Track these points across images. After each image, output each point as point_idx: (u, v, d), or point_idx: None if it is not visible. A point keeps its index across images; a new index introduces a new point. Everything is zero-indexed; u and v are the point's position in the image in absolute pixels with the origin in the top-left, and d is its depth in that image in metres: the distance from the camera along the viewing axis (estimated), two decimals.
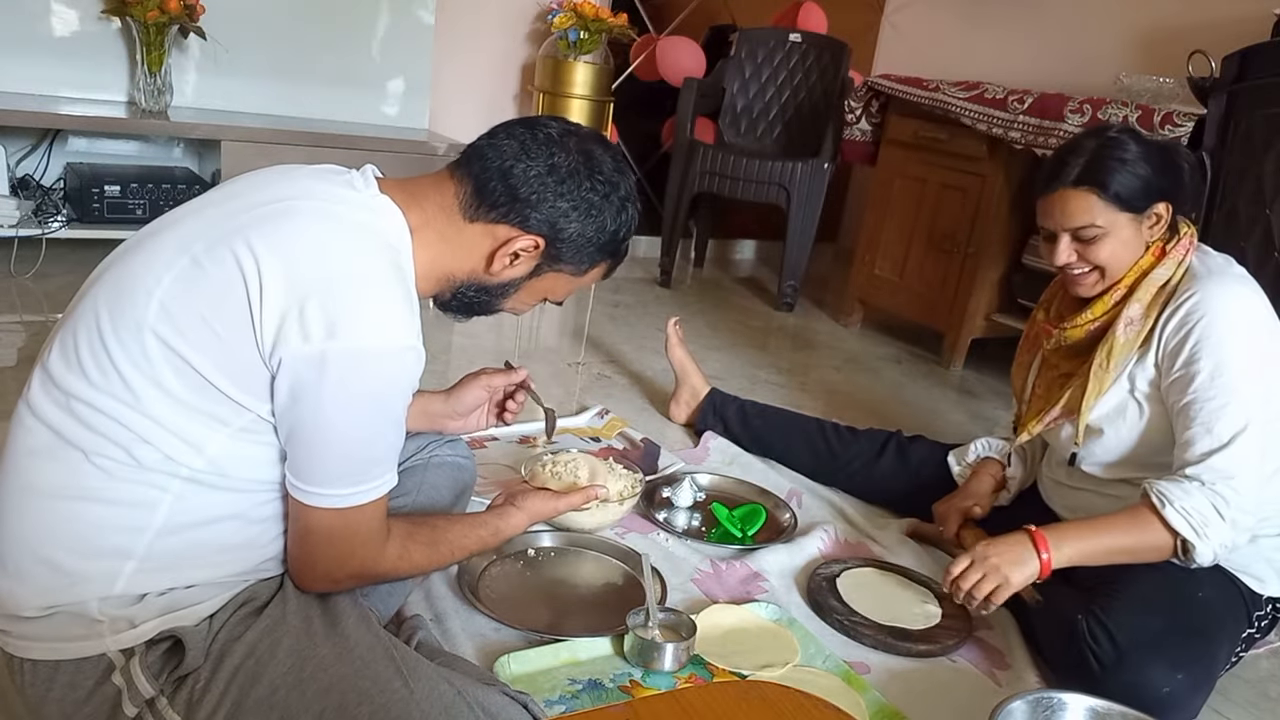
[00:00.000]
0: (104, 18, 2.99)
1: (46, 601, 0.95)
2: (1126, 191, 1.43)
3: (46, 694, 0.97)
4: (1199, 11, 3.02)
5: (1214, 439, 1.36)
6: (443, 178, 1.10)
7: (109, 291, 0.97)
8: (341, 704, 0.94)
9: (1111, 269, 1.49)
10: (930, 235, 3.15)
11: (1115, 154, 1.44)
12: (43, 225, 2.77)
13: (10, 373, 2.15)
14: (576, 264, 1.14)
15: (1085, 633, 1.36)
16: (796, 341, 3.38)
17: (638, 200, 1.15)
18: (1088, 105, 2.55)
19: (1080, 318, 1.54)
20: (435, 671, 1.02)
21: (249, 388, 0.94)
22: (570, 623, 1.45)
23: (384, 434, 1.01)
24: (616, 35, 3.70)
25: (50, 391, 0.95)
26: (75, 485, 0.94)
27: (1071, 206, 1.46)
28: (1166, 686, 1.29)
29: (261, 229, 0.94)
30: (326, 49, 3.39)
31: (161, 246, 0.97)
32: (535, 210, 1.07)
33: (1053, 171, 1.48)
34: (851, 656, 1.46)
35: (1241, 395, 1.37)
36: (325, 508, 0.99)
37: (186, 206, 1.04)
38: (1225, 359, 1.38)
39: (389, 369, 0.96)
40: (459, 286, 1.13)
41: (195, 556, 0.99)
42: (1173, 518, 1.35)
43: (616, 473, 1.76)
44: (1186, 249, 1.49)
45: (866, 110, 3.35)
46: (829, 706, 0.98)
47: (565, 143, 1.08)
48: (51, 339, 1.00)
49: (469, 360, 2.65)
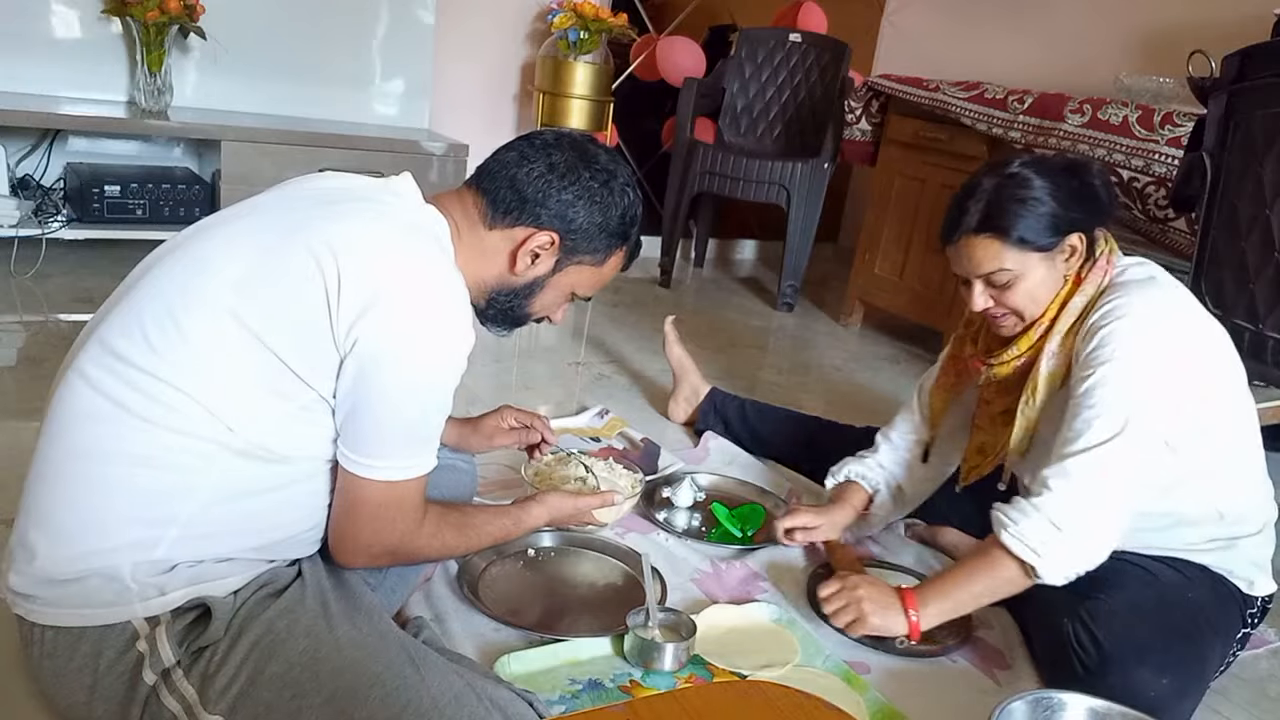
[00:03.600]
0: (104, 18, 2.99)
1: (82, 565, 0.98)
2: (1031, 233, 1.37)
3: (68, 663, 0.99)
4: (1199, 11, 3.01)
5: (1075, 445, 1.32)
6: (462, 193, 1.20)
7: (180, 272, 1.03)
8: (354, 685, 0.97)
9: (1029, 311, 1.43)
10: (930, 235, 3.14)
11: (1015, 194, 1.38)
12: (43, 225, 2.77)
13: (10, 373, 2.14)
14: (594, 253, 1.22)
15: (1071, 637, 1.36)
16: (796, 341, 3.38)
17: (637, 187, 1.23)
18: (1088, 105, 2.55)
19: (1006, 354, 1.49)
20: (445, 663, 1.06)
21: (317, 367, 1.01)
22: (570, 623, 1.45)
23: (435, 414, 1.09)
24: (616, 35, 3.70)
25: (106, 361, 1.00)
26: (131, 451, 0.98)
27: (977, 255, 1.41)
28: (1153, 691, 1.29)
29: (330, 227, 1.02)
30: (327, 49, 3.39)
31: (234, 234, 1.05)
32: (544, 207, 1.16)
33: (953, 219, 1.43)
34: (851, 656, 1.46)
35: (1118, 404, 1.30)
36: (378, 479, 1.06)
37: (244, 204, 1.12)
38: (1115, 367, 1.31)
39: (448, 353, 1.05)
40: (491, 293, 1.22)
41: (235, 527, 1.04)
42: (1008, 541, 1.33)
43: (616, 473, 1.76)
44: (1104, 270, 1.42)
45: (866, 110, 3.35)
46: (829, 706, 0.98)
47: (559, 144, 1.19)
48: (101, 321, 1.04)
49: (469, 360, 2.65)
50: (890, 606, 1.43)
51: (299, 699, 0.96)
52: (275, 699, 0.96)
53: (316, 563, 1.13)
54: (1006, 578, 1.36)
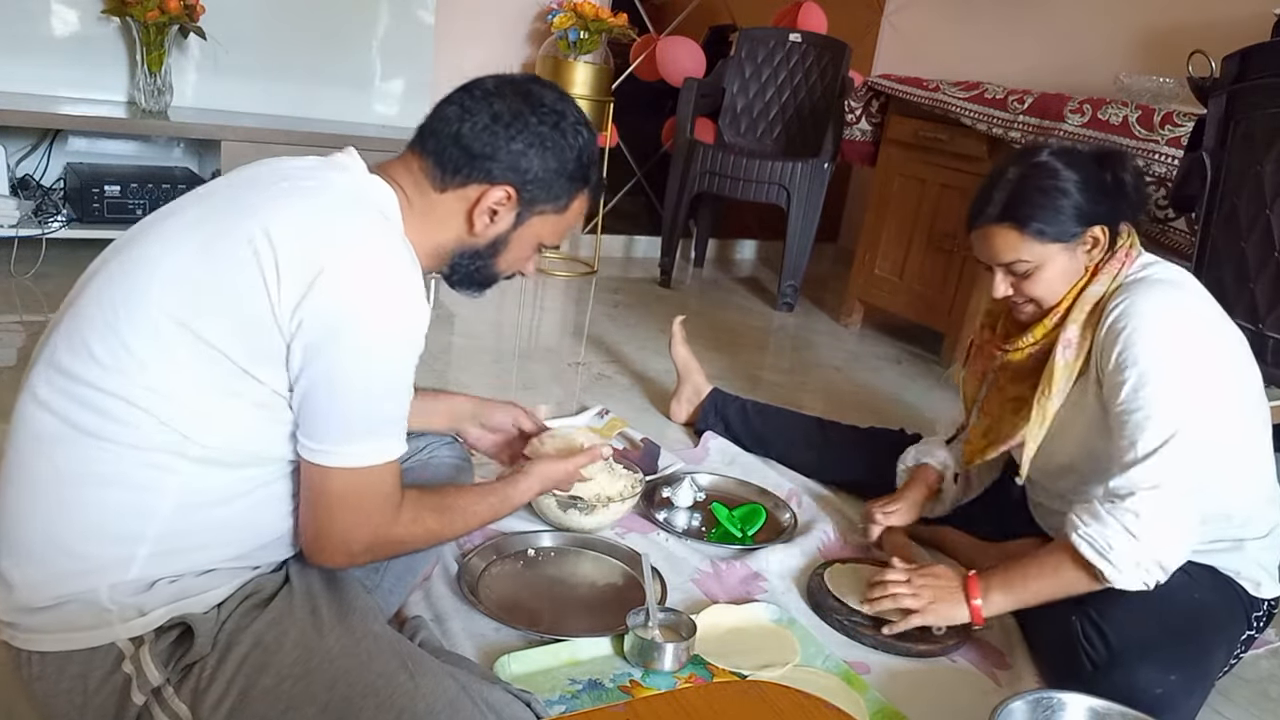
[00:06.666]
0: (104, 18, 2.99)
1: (58, 591, 0.96)
2: (1051, 224, 1.38)
3: (57, 686, 0.97)
4: (1199, 11, 3.01)
5: (1136, 452, 1.32)
6: (407, 158, 1.14)
7: (116, 279, 0.98)
8: (347, 696, 0.95)
9: (1047, 300, 1.45)
10: (930, 235, 3.14)
11: (1038, 184, 1.38)
12: (43, 225, 2.77)
13: (10, 373, 2.15)
14: (554, 200, 1.15)
15: (1079, 632, 1.36)
16: (796, 341, 3.38)
17: (589, 123, 1.16)
18: (1088, 105, 2.55)
19: (1021, 341, 1.50)
20: (440, 667, 1.03)
21: (265, 359, 0.96)
22: (570, 623, 1.45)
23: (395, 391, 1.02)
24: (616, 35, 3.70)
25: (56, 381, 0.96)
26: (86, 471, 0.95)
27: (997, 244, 1.42)
28: (1159, 688, 1.29)
29: (269, 208, 0.98)
30: (326, 49, 3.39)
31: (169, 231, 1.00)
32: (494, 161, 1.09)
33: (977, 206, 1.44)
34: (851, 656, 1.46)
35: (1165, 405, 1.31)
36: (342, 467, 1.00)
37: (185, 198, 1.07)
38: (1148, 368, 1.32)
39: (400, 322, 0.99)
40: (453, 258, 1.16)
41: (208, 538, 1.00)
42: (1078, 544, 1.33)
43: (616, 473, 1.76)
44: (1122, 262, 1.43)
45: (866, 110, 3.35)
46: (829, 706, 0.98)
47: (501, 91, 1.11)
48: (50, 335, 1.00)
49: (469, 360, 2.66)
50: (954, 594, 1.44)
51: (292, 712, 0.95)
52: (268, 712, 0.95)
53: (306, 564, 1.10)
54: (1074, 578, 1.36)
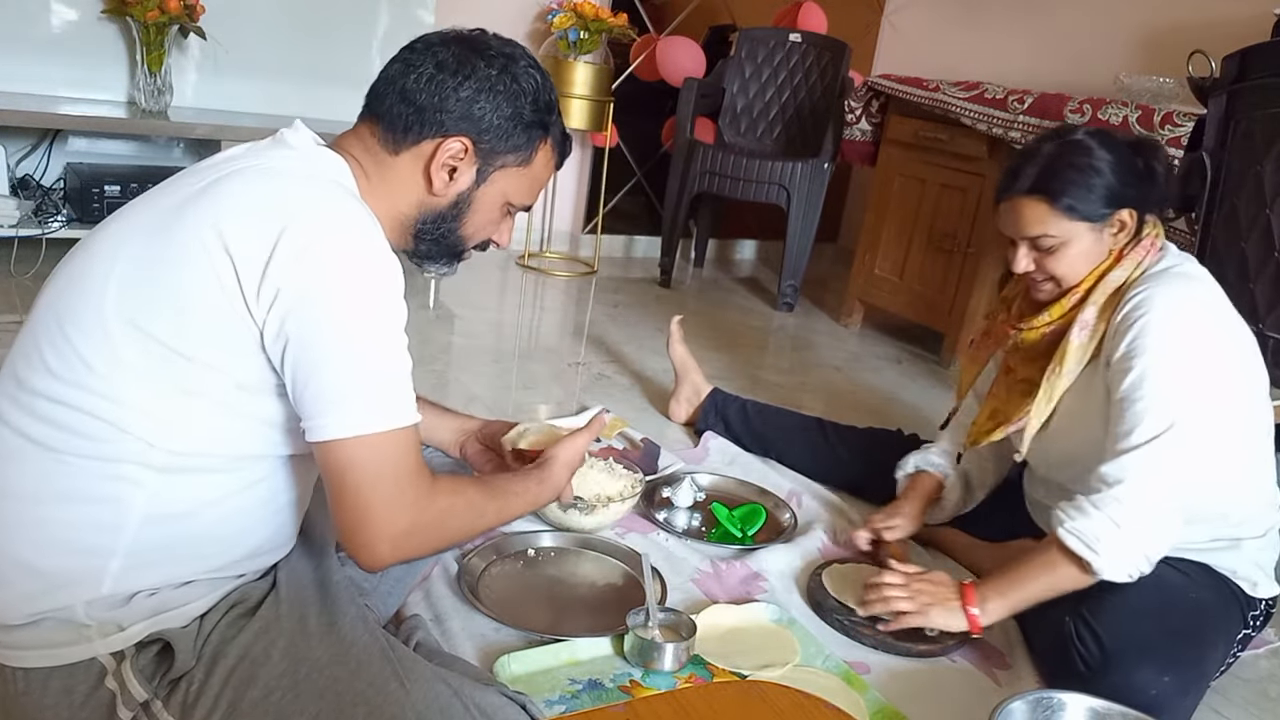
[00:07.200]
0: (104, 18, 2.99)
1: (31, 608, 0.94)
2: (1081, 202, 1.39)
3: (42, 701, 0.96)
4: (1199, 11, 3.02)
5: (1131, 439, 1.33)
6: (358, 128, 1.09)
7: (64, 288, 0.96)
8: (338, 706, 0.94)
9: (1068, 279, 1.45)
10: (930, 235, 3.14)
11: (1073, 161, 1.38)
12: (43, 225, 2.77)
13: None
14: (515, 151, 1.10)
15: (1072, 634, 1.36)
16: (796, 341, 3.38)
17: (541, 67, 1.12)
18: (1088, 105, 2.55)
19: (1037, 320, 1.51)
20: (432, 672, 1.02)
21: (231, 348, 0.92)
22: (570, 623, 1.45)
23: (385, 348, 0.96)
24: (616, 35, 3.70)
25: (14, 395, 0.94)
26: (52, 488, 0.93)
27: (1025, 216, 1.42)
28: (1154, 689, 1.29)
29: (214, 194, 0.94)
30: (327, 49, 3.39)
31: (112, 235, 0.97)
32: (444, 112, 1.05)
33: (1008, 178, 1.44)
34: (851, 656, 1.46)
35: (1166, 397, 1.32)
36: (353, 436, 0.93)
37: (134, 201, 1.04)
38: (1156, 360, 1.33)
39: (371, 273, 0.94)
40: (416, 226, 1.11)
41: (182, 549, 0.97)
42: (1066, 539, 1.34)
43: (616, 473, 1.76)
44: (1147, 250, 1.43)
45: (866, 110, 3.35)
46: (829, 706, 0.98)
47: (445, 42, 1.07)
48: (12, 350, 0.98)
49: (469, 360, 2.66)
50: (950, 601, 1.44)
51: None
52: None
53: (293, 567, 1.08)
54: (1065, 574, 1.36)
